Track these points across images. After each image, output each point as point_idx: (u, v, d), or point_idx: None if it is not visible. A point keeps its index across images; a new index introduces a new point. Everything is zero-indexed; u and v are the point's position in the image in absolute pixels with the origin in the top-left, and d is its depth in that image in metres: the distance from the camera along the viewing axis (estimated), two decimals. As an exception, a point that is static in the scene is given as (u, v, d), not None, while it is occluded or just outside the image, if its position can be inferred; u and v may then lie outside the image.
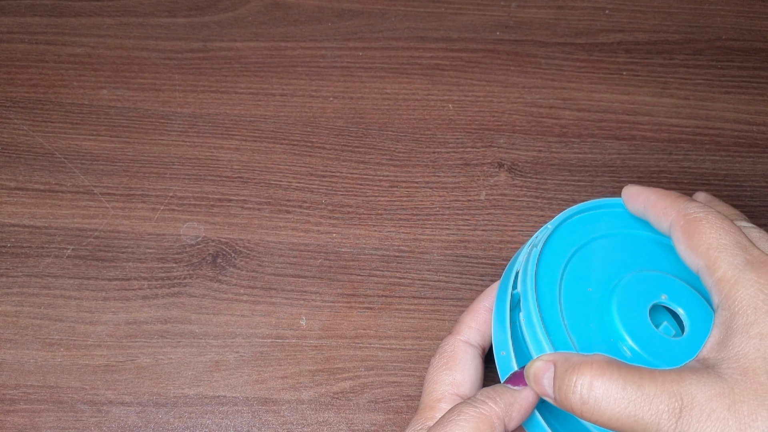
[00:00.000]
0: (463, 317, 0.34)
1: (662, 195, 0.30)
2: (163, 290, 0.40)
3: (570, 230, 0.33)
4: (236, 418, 0.37)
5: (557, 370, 0.26)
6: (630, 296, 0.31)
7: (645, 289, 0.31)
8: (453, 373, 0.32)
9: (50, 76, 0.47)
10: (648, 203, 0.31)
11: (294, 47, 0.49)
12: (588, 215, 0.34)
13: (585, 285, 0.31)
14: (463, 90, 0.48)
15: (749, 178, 0.45)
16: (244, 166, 0.44)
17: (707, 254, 0.27)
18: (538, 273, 0.31)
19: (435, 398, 0.32)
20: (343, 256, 0.41)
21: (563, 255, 0.32)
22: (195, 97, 0.46)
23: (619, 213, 0.34)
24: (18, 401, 0.37)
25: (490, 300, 0.34)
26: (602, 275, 0.32)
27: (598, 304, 0.31)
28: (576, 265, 0.32)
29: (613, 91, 0.48)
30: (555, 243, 0.32)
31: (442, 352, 0.33)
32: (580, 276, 0.32)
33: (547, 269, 0.32)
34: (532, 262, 0.31)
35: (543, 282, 0.31)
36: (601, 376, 0.25)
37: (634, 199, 0.32)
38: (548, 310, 0.30)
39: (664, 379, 0.25)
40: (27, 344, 0.38)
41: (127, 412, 0.37)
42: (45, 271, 0.40)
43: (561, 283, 0.31)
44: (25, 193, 0.43)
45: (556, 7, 0.51)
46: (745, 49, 0.50)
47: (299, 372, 0.38)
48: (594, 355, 0.26)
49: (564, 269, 0.32)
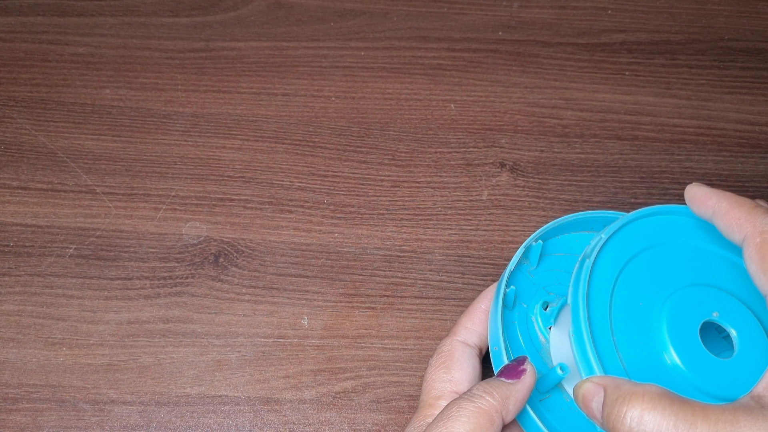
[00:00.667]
0: (460, 319, 0.35)
1: (736, 203, 0.28)
2: (165, 290, 0.40)
3: (624, 238, 0.32)
4: (238, 418, 0.37)
5: (607, 396, 0.26)
6: (681, 311, 0.30)
7: (698, 304, 0.30)
8: (451, 372, 0.32)
9: (53, 75, 0.47)
10: (719, 209, 0.29)
11: (296, 47, 0.49)
12: (644, 221, 0.33)
13: (637, 298, 0.31)
14: (465, 90, 0.48)
15: (752, 178, 0.45)
16: (246, 165, 0.44)
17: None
18: (591, 285, 0.30)
19: (434, 396, 0.32)
20: (345, 256, 0.41)
21: (616, 265, 0.31)
22: (197, 97, 0.46)
23: (676, 220, 0.33)
24: (20, 400, 0.37)
25: (487, 302, 0.34)
26: (655, 288, 0.31)
27: (648, 319, 0.30)
28: (628, 276, 0.31)
29: (615, 91, 0.48)
30: (609, 253, 0.31)
31: (440, 352, 0.34)
32: (632, 288, 0.31)
33: (600, 281, 0.31)
34: (584, 274, 0.30)
35: (594, 294, 0.30)
36: (653, 409, 0.24)
37: (702, 203, 0.30)
38: (598, 325, 0.30)
39: (717, 418, 0.24)
40: (29, 343, 0.38)
41: (129, 412, 0.37)
42: (47, 270, 0.40)
43: (612, 295, 0.31)
44: (28, 192, 0.43)
45: (559, 7, 0.51)
46: (748, 50, 0.50)
47: (301, 372, 0.38)
48: (646, 386, 0.25)
49: (616, 281, 0.31)
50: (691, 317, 0.30)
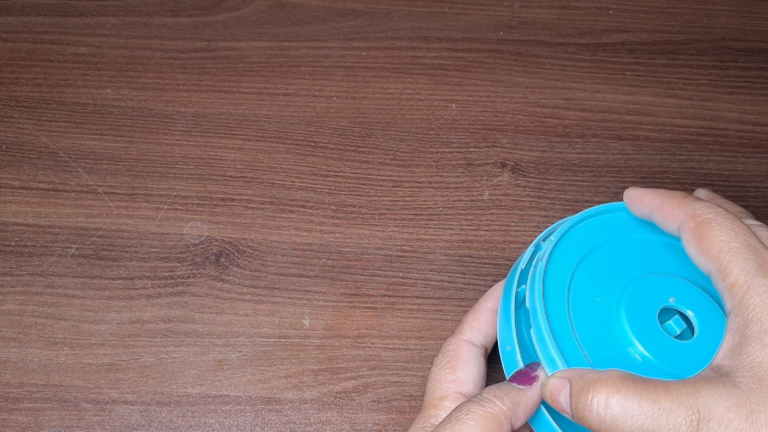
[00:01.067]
0: (465, 318, 0.35)
1: (668, 196, 0.30)
2: (166, 289, 0.40)
3: (573, 240, 0.33)
4: (239, 418, 0.37)
5: (573, 387, 0.27)
6: (638, 301, 0.31)
7: (653, 293, 0.31)
8: (456, 372, 0.32)
9: (54, 75, 0.47)
10: (653, 205, 0.30)
11: (297, 47, 0.49)
12: (591, 222, 0.34)
13: (593, 294, 0.32)
14: (466, 90, 0.48)
15: (753, 178, 0.45)
16: (247, 165, 0.44)
17: (718, 258, 0.27)
18: (546, 286, 0.31)
19: (438, 396, 0.32)
20: (346, 256, 0.41)
21: (569, 266, 0.32)
22: (199, 97, 0.46)
23: (621, 217, 0.34)
24: (22, 399, 0.37)
25: (493, 301, 0.34)
26: (609, 282, 0.32)
27: (607, 312, 0.31)
28: (582, 274, 0.32)
29: (616, 91, 0.48)
30: (560, 254, 0.32)
31: (445, 351, 0.33)
32: (587, 285, 0.32)
33: (554, 282, 0.32)
34: (539, 276, 0.31)
35: (551, 295, 0.31)
36: (617, 392, 0.25)
37: (638, 203, 0.31)
38: (558, 323, 0.30)
39: (679, 392, 0.25)
40: (31, 343, 0.38)
41: (130, 411, 0.37)
42: (49, 270, 0.40)
43: (569, 294, 0.31)
44: (29, 192, 0.43)
45: (560, 8, 0.51)
46: (749, 50, 0.50)
47: (302, 371, 0.38)
48: (608, 371, 0.26)
49: (570, 280, 0.32)
50: (648, 305, 0.31)
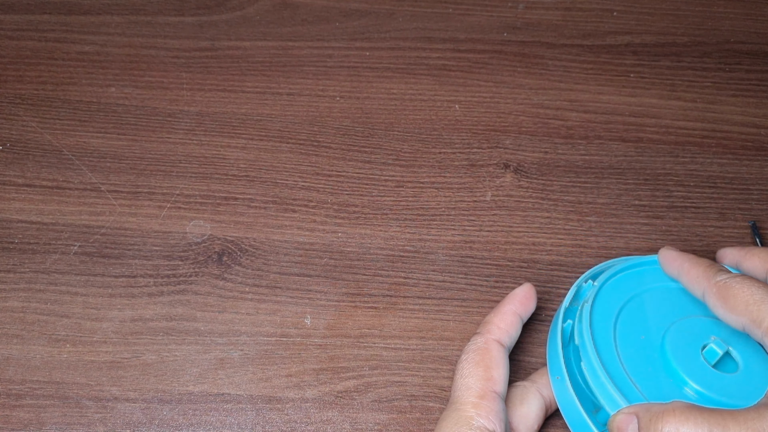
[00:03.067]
0: (491, 318, 0.35)
1: (694, 263, 0.33)
2: (168, 288, 0.40)
3: (616, 285, 0.36)
4: (240, 416, 0.37)
5: (641, 421, 0.28)
6: (681, 340, 0.33)
7: (694, 333, 0.33)
8: (490, 371, 0.33)
9: (59, 73, 0.47)
10: (682, 270, 0.34)
11: (301, 47, 0.49)
12: (632, 272, 0.37)
13: (637, 333, 0.34)
14: (469, 91, 0.48)
15: (756, 181, 0.45)
16: (250, 164, 0.44)
17: (747, 310, 0.30)
18: (593, 325, 0.34)
19: (477, 395, 0.32)
20: (348, 256, 0.41)
21: (613, 308, 0.35)
22: (202, 96, 0.47)
23: (659, 269, 0.36)
24: (24, 396, 0.37)
25: (516, 304, 0.36)
26: (652, 324, 0.34)
27: (653, 350, 0.33)
28: (626, 316, 0.35)
29: (620, 93, 0.48)
30: (604, 297, 0.35)
31: (476, 350, 0.34)
32: (632, 326, 0.34)
33: (600, 321, 0.34)
34: (585, 315, 0.34)
35: (598, 334, 0.33)
36: (686, 421, 0.27)
37: (670, 264, 0.35)
38: (608, 360, 0.32)
39: (745, 418, 0.26)
40: (33, 340, 0.38)
41: (131, 409, 0.37)
42: (52, 267, 0.40)
43: (615, 333, 0.34)
44: (33, 189, 0.43)
45: (564, 9, 0.51)
46: (753, 52, 0.50)
47: (303, 370, 0.38)
48: (674, 403, 0.28)
49: (615, 321, 0.34)
50: (691, 343, 0.33)
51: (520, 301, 0.36)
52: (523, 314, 0.36)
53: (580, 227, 0.43)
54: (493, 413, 0.31)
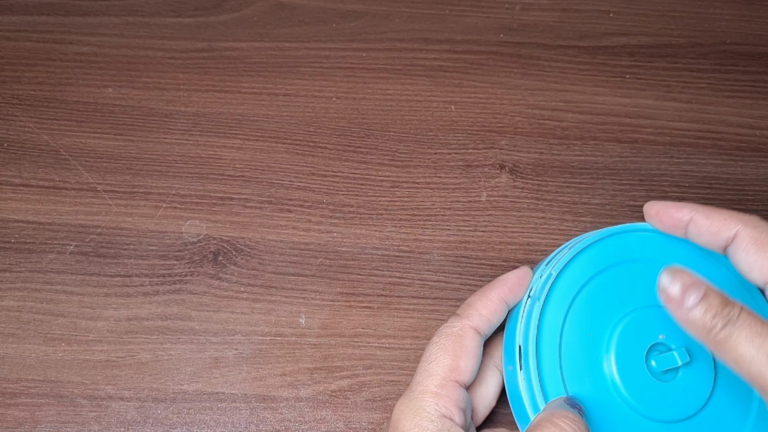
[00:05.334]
0: (474, 302, 0.33)
1: (713, 210, 0.29)
2: (164, 287, 0.40)
3: (573, 270, 0.32)
4: (234, 415, 0.37)
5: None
6: (628, 339, 0.31)
7: (644, 329, 0.31)
8: (458, 360, 0.31)
9: (56, 74, 0.47)
10: (697, 217, 0.30)
11: (298, 48, 0.49)
12: (589, 253, 0.33)
13: (585, 330, 0.31)
14: (465, 92, 0.48)
15: (751, 182, 0.45)
16: (246, 165, 0.44)
17: None
18: (541, 325, 0.31)
19: (438, 384, 0.30)
20: (343, 256, 0.42)
21: (565, 300, 0.31)
22: (199, 97, 0.47)
23: (623, 241, 0.33)
24: (19, 395, 0.37)
25: (505, 290, 0.33)
26: (602, 317, 0.31)
27: (597, 350, 0.31)
28: (578, 308, 0.31)
29: (615, 94, 0.48)
30: (557, 289, 0.32)
31: (449, 334, 0.31)
32: (581, 321, 0.31)
33: (551, 317, 0.31)
34: (535, 314, 0.31)
35: (545, 333, 0.31)
36: None
37: (674, 214, 0.31)
38: (548, 364, 0.30)
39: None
40: (29, 339, 0.39)
41: (126, 407, 0.37)
42: (48, 266, 0.41)
43: (563, 332, 0.31)
44: (30, 189, 0.43)
45: (560, 10, 0.51)
46: (749, 54, 0.50)
47: (298, 370, 0.38)
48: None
49: (566, 316, 0.31)
50: (638, 343, 0.31)
51: (511, 287, 0.33)
52: (511, 301, 0.33)
53: (575, 228, 0.43)
54: (452, 402, 0.30)
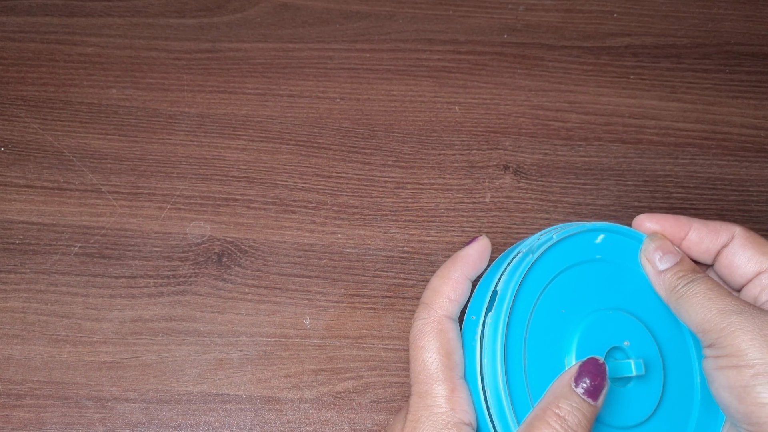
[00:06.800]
0: (440, 287, 0.31)
1: (704, 221, 0.32)
2: (168, 288, 0.40)
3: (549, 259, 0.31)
4: (239, 416, 0.37)
5: None
6: (593, 337, 0.30)
7: (609, 330, 0.31)
8: (452, 356, 0.30)
9: (60, 75, 0.47)
10: (697, 222, 0.32)
11: (302, 48, 0.49)
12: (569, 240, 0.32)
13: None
14: (469, 92, 0.48)
15: (756, 183, 0.45)
16: (250, 166, 0.44)
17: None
18: (513, 309, 0.30)
19: (449, 388, 0.29)
20: (347, 257, 0.41)
21: (534, 293, 0.30)
22: (203, 98, 0.47)
23: (595, 238, 0.33)
24: (24, 396, 0.37)
25: (467, 268, 0.31)
26: (568, 316, 0.31)
27: (561, 346, 0.30)
28: (545, 303, 0.31)
29: (620, 94, 0.48)
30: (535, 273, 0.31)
31: (433, 332, 0.30)
32: (548, 319, 0.30)
33: (521, 306, 0.30)
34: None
35: (515, 316, 0.30)
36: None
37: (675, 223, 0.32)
38: (511, 361, 0.29)
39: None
40: (34, 340, 0.39)
41: (131, 409, 0.37)
42: (52, 268, 0.41)
43: (530, 320, 0.30)
44: (34, 190, 0.43)
45: (564, 11, 0.51)
46: (754, 54, 0.50)
47: (302, 371, 0.38)
48: None
49: (533, 310, 0.30)
50: (601, 342, 0.30)
51: (473, 263, 0.31)
52: (473, 276, 0.32)
53: (579, 229, 0.43)
54: (467, 404, 0.29)
